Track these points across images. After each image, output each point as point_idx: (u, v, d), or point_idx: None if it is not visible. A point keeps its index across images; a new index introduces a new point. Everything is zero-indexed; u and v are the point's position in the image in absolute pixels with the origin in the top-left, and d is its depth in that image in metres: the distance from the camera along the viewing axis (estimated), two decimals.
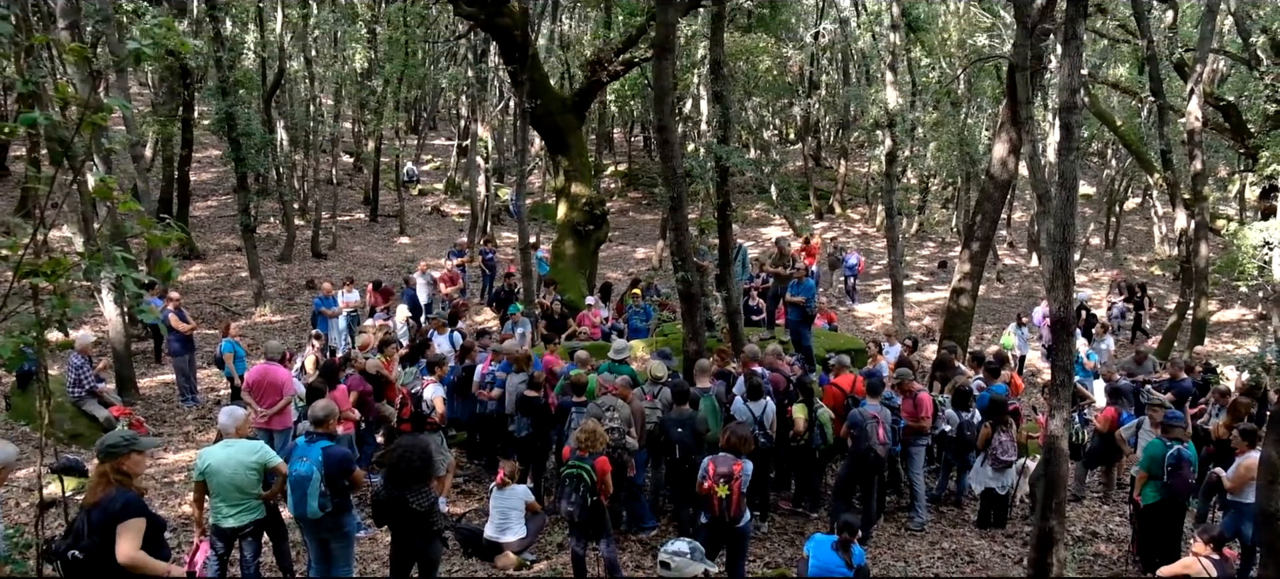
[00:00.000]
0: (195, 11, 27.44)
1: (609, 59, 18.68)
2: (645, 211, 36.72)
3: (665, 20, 10.46)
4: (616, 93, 31.53)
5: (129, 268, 3.73)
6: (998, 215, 16.02)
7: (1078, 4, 7.85)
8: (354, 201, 32.16)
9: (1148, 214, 36.58)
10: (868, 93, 33.77)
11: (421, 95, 37.94)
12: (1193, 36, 22.49)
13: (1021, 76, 11.27)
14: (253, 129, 20.41)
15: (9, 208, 23.95)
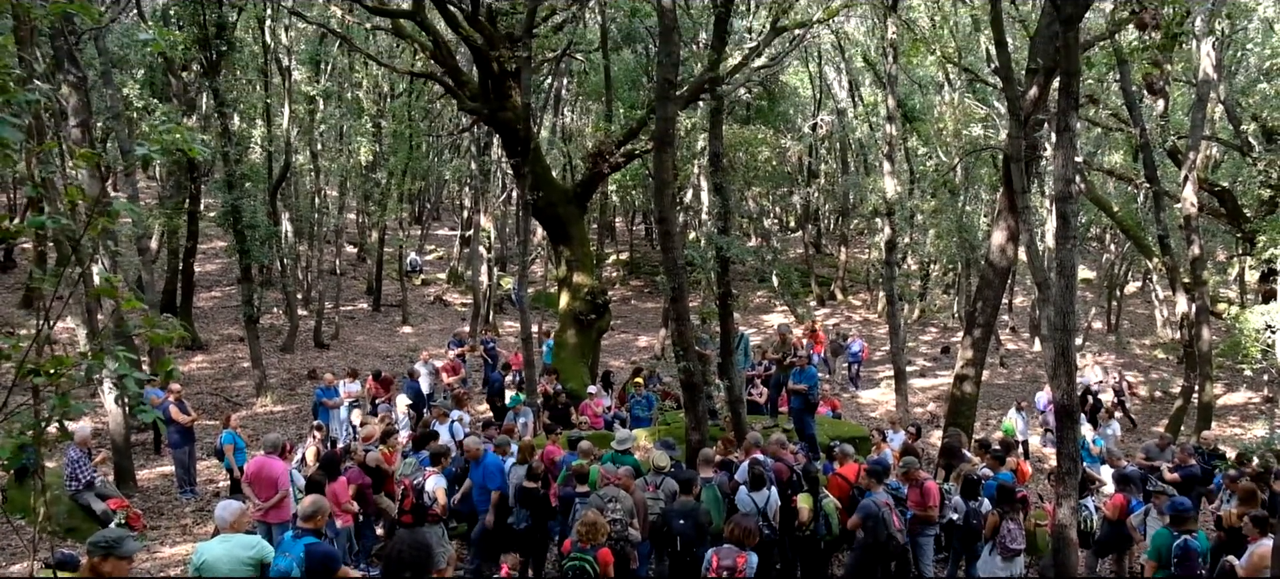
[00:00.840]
0: (204, 107, 28.03)
1: (610, 151, 18.98)
2: (647, 299, 36.85)
3: (665, 114, 10.66)
4: (618, 183, 31.94)
5: (131, 367, 3.75)
6: (999, 301, 16.06)
7: (1069, 96, 8.01)
8: (357, 291, 32.32)
9: (1149, 298, 36.65)
10: (866, 181, 34.19)
11: (425, 186, 38.45)
12: (1184, 124, 22.84)
13: (1016, 167, 11.42)
14: (258, 221, 20.65)
15: (13, 300, 24.09)
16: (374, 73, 28.83)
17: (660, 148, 10.88)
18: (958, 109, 29.41)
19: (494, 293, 29.28)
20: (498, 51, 16.35)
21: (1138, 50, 14.28)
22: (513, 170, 20.07)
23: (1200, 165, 21.26)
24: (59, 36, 13.47)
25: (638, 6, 19.35)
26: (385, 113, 29.13)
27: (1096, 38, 18.16)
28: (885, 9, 18.71)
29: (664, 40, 10.70)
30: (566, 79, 32.14)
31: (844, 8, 21.59)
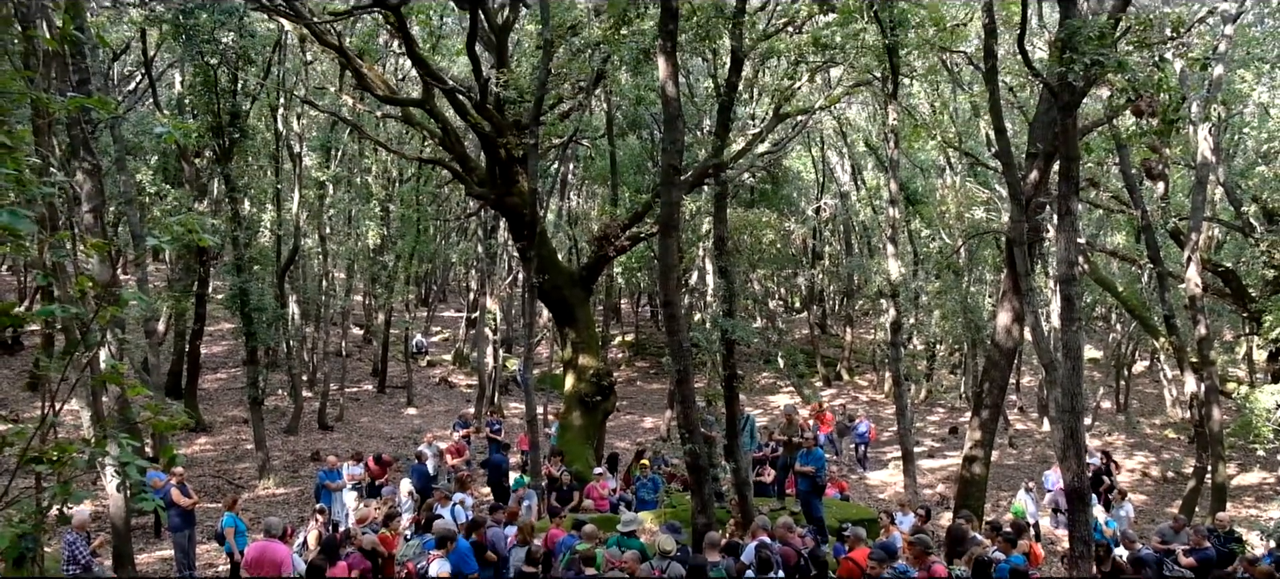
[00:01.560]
0: (215, 192, 28.43)
1: (616, 234, 19.15)
2: (653, 380, 36.72)
3: (670, 199, 10.79)
4: (623, 265, 32.13)
5: (134, 455, 3.76)
6: (1006, 382, 16.00)
7: (1069, 181, 8.12)
8: (362, 373, 32.29)
9: (1157, 377, 36.41)
10: (870, 263, 34.34)
11: (432, 269, 38.70)
12: (1185, 206, 23.01)
13: (1019, 250, 11.49)
14: (265, 304, 20.77)
15: (18, 382, 24.12)
16: (383, 158, 29.28)
17: (665, 232, 10.98)
18: (959, 192, 29.70)
19: (499, 375, 29.23)
20: (505, 138, 16.64)
21: (1136, 136, 14.48)
22: (519, 253, 20.23)
23: (1203, 246, 21.34)
24: (76, 125, 13.74)
25: (643, 95, 19.74)
26: (394, 197, 29.50)
27: (1094, 123, 18.44)
28: (886, 96, 19.04)
29: (668, 127, 10.89)
30: (572, 164, 32.59)
31: (845, 95, 22.00)
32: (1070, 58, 10.21)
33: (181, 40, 18.38)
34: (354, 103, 23.37)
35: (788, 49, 17.71)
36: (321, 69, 27.24)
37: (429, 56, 19.71)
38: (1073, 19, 10.77)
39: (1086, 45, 10.20)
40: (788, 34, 17.69)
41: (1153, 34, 13.58)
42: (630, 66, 17.62)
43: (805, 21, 17.36)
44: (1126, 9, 13.02)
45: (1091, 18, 12.26)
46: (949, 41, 18.90)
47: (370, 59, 20.14)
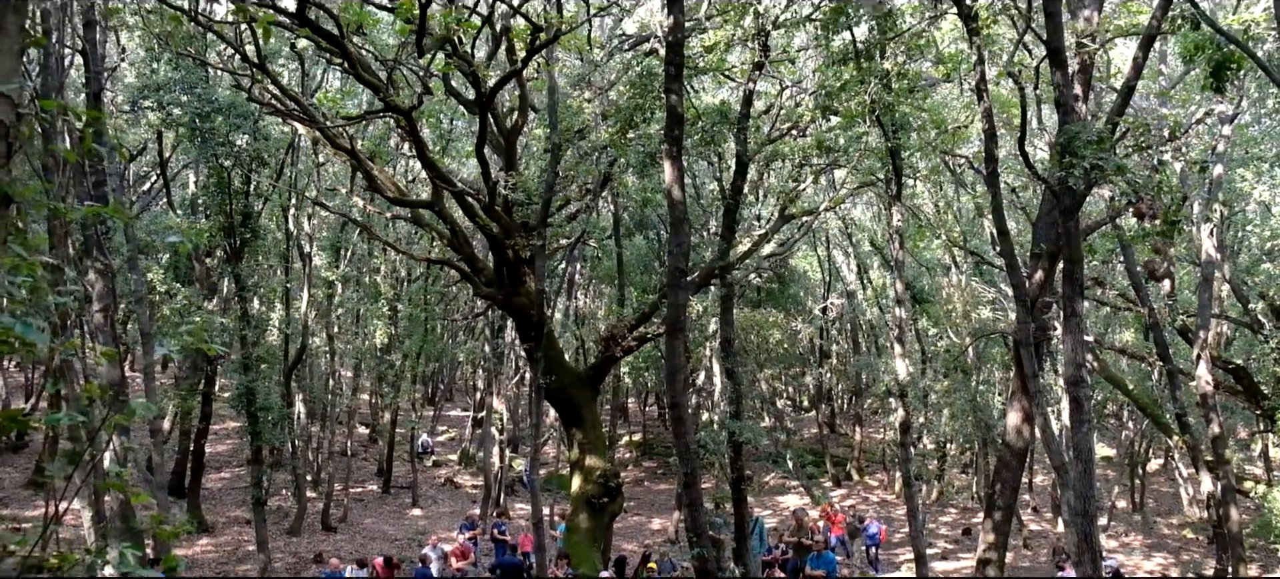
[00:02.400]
0: (225, 290, 28.65)
1: (623, 335, 19.18)
2: (660, 481, 36.29)
3: (676, 301, 10.85)
4: (630, 365, 32.07)
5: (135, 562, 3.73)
6: (1018, 483, 15.79)
7: (1074, 283, 8.16)
8: (367, 473, 32.00)
9: (1172, 475, 35.84)
10: (878, 362, 34.23)
11: (438, 368, 38.67)
12: (1192, 302, 23.00)
13: (1026, 351, 11.47)
14: (271, 404, 20.75)
15: (20, 479, 23.97)
16: (392, 258, 29.57)
17: (672, 334, 11.02)
18: (965, 291, 29.78)
19: (506, 475, 28.94)
20: (513, 240, 16.82)
21: (1139, 237, 14.59)
22: (526, 354, 20.25)
23: (1212, 343, 21.25)
24: (90, 226, 13.99)
25: (649, 197, 20.03)
26: (402, 297, 29.70)
27: (1097, 223, 18.58)
28: (890, 197, 19.26)
29: (674, 230, 11.02)
30: (580, 264, 32.85)
31: (850, 196, 22.28)
32: (1070, 162, 10.35)
33: (197, 143, 18.81)
34: (364, 204, 23.72)
35: (792, 152, 18.02)
36: (333, 170, 27.73)
37: (439, 159, 20.10)
38: (1071, 123, 10.96)
39: (1086, 149, 10.35)
40: (792, 137, 18.02)
41: (1151, 137, 13.81)
42: (637, 169, 17.92)
43: (809, 125, 17.69)
44: (1124, 112, 13.26)
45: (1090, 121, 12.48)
46: (951, 144, 19.20)
47: (381, 161, 20.55)
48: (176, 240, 4.60)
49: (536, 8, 15.59)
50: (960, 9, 12.51)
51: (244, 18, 11.23)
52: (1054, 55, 11.16)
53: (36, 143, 5.20)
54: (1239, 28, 14.75)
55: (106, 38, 20.92)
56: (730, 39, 16.32)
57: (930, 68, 18.62)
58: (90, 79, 15.44)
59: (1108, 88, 20.15)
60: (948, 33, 19.50)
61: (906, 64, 16.21)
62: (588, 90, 18.23)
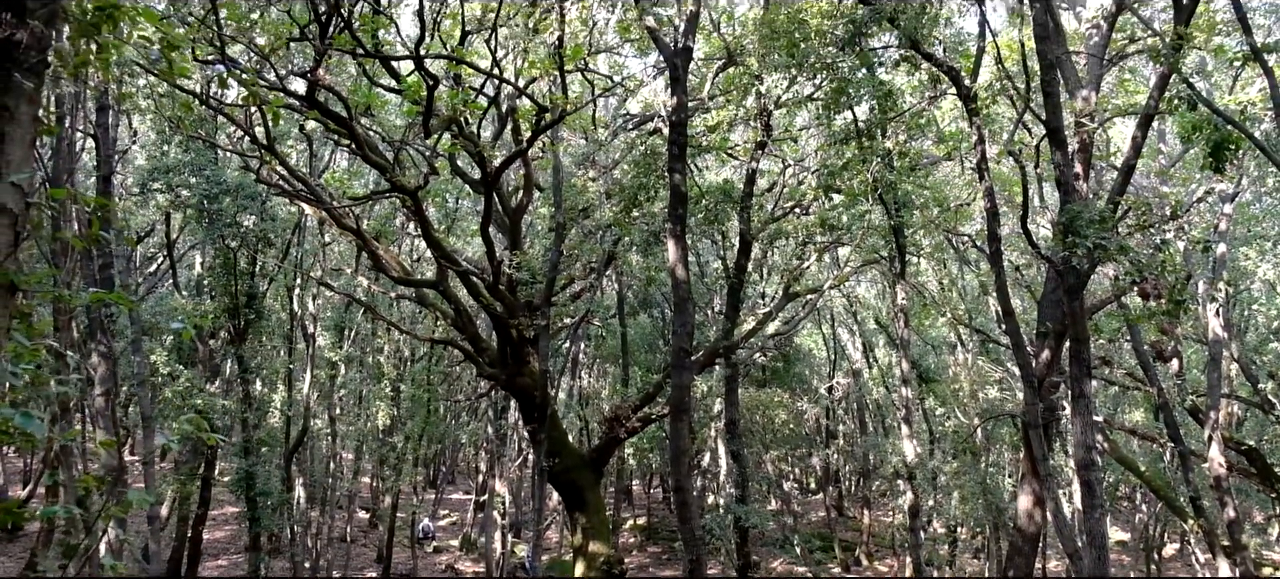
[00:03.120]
0: (228, 372, 28.55)
1: (627, 416, 19.01)
2: (666, 566, 35.62)
3: (680, 382, 10.77)
4: (635, 446, 31.75)
5: None
6: (1031, 568, 15.43)
7: (1081, 363, 8.07)
8: (366, 560, 31.46)
9: (1189, 560, 35.11)
10: (885, 443, 33.87)
11: (441, 450, 38.33)
12: (1201, 381, 22.80)
13: (1035, 433, 11.33)
14: (271, 488, 20.50)
15: (15, 568, 23.57)
16: (396, 339, 29.52)
17: (676, 416, 10.90)
18: (972, 370, 29.59)
19: (507, 561, 28.42)
20: (517, 319, 16.79)
21: (1144, 317, 14.54)
22: (529, 435, 20.07)
23: (1223, 424, 20.99)
24: (94, 309, 14.00)
25: (653, 275, 20.08)
26: (405, 377, 29.57)
27: (1103, 301, 18.52)
28: (894, 275, 19.28)
29: (678, 311, 10.99)
30: (584, 343, 32.77)
31: (854, 273, 22.30)
32: (1073, 242, 10.35)
33: (205, 224, 18.95)
34: (369, 284, 23.79)
35: (795, 230, 18.09)
36: (339, 250, 27.87)
37: (444, 238, 20.19)
38: (1073, 202, 10.99)
39: (1088, 229, 10.36)
40: (795, 215, 18.12)
41: (1153, 216, 13.85)
42: (641, 248, 17.98)
43: (812, 203, 17.80)
44: (1125, 191, 13.32)
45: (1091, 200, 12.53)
46: (953, 222, 19.29)
47: (386, 241, 20.63)
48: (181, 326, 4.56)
49: (542, 89, 15.83)
50: (959, 90, 12.66)
51: (255, 102, 11.39)
52: (1053, 135, 11.26)
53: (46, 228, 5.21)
54: (1236, 108, 14.92)
55: (118, 121, 21.25)
56: (733, 118, 16.53)
57: (931, 146, 18.82)
58: (101, 162, 15.62)
59: (1108, 166, 20.31)
60: (948, 111, 19.75)
61: (908, 143, 16.38)
62: (592, 169, 18.40)
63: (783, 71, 13.90)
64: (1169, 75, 12.48)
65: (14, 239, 5.06)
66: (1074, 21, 18.94)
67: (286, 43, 13.18)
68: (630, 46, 18.46)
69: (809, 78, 14.08)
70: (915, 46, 11.88)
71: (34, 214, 5.08)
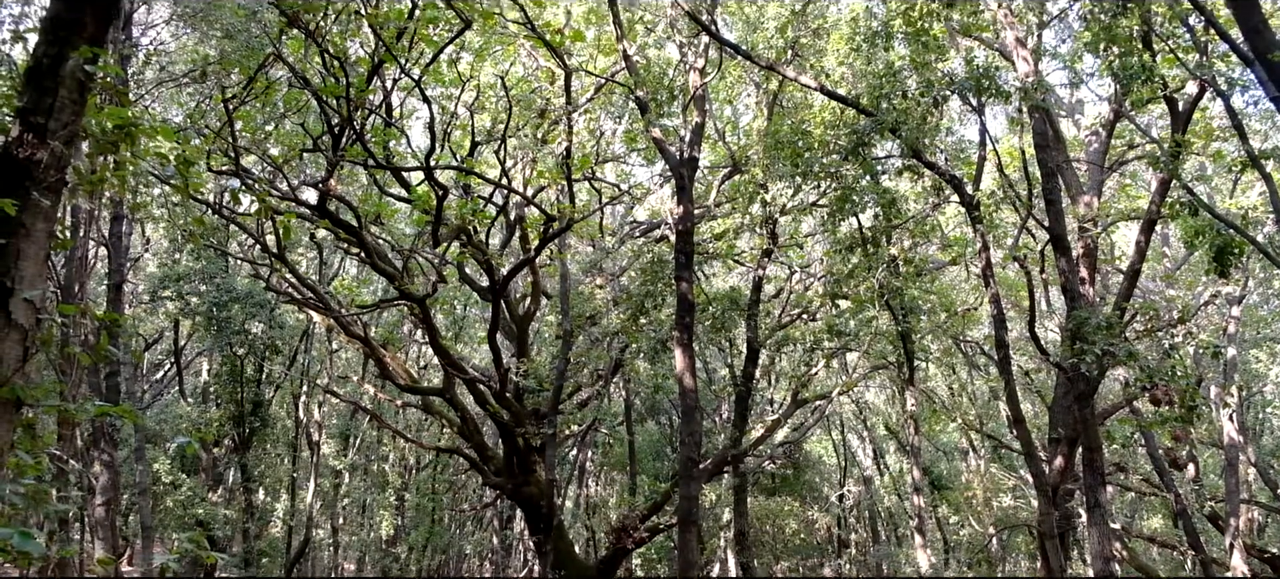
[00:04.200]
0: (230, 480, 28.26)
1: (634, 526, 18.69)
2: None
3: (688, 493, 10.61)
4: (643, 556, 31.10)
5: None
6: None
7: (1095, 471, 7.95)
8: None
9: None
10: (899, 552, 33.16)
11: (445, 560, 37.57)
12: (1219, 486, 22.40)
13: (1051, 544, 11.10)
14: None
15: None
16: (401, 446, 29.27)
17: (684, 526, 10.72)
18: (985, 477, 29.15)
19: None
20: (524, 427, 16.67)
21: (1157, 422, 14.38)
22: (535, 546, 19.69)
23: (1244, 530, 20.53)
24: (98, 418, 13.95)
25: (660, 383, 20.01)
26: (409, 486, 29.21)
27: (1114, 407, 18.35)
28: (903, 381, 19.17)
29: (686, 418, 10.91)
30: (591, 451, 32.44)
31: (863, 379, 22.19)
32: (1081, 348, 10.32)
33: (213, 331, 19.01)
34: (375, 391, 23.70)
35: (803, 336, 18.07)
36: (345, 357, 27.87)
37: (451, 345, 20.19)
38: (1079, 309, 10.99)
39: (1096, 335, 10.34)
40: (802, 321, 18.12)
41: (1160, 320, 13.83)
42: (648, 355, 17.95)
43: (819, 310, 17.82)
44: (1131, 296, 13.33)
45: (1098, 305, 12.54)
46: (961, 327, 19.26)
47: (393, 348, 20.64)
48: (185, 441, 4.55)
49: (550, 197, 16.06)
50: (962, 198, 12.81)
51: (267, 213, 11.56)
52: (1057, 242, 11.34)
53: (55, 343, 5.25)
54: (1238, 213, 15.03)
55: (132, 229, 21.55)
56: (739, 226, 16.69)
57: (937, 251, 18.93)
58: (113, 271, 15.78)
59: (1113, 269, 20.37)
60: (952, 216, 19.92)
61: (913, 249, 16.48)
62: (599, 276, 18.51)
63: (787, 180, 14.09)
64: (1169, 181, 12.64)
65: (23, 355, 5.09)
66: (1073, 128, 19.28)
67: (299, 153, 13.48)
68: (637, 155, 18.79)
69: (813, 186, 14.27)
70: (917, 156, 12.06)
71: (44, 330, 5.13)
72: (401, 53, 11.02)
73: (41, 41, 5.35)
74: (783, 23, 14.85)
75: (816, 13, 15.44)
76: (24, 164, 5.09)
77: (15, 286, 5.00)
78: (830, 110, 14.17)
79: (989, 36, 14.95)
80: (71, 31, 5.25)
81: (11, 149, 5.12)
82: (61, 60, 5.18)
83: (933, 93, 11.38)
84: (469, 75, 12.98)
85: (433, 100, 12.35)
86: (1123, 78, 11.07)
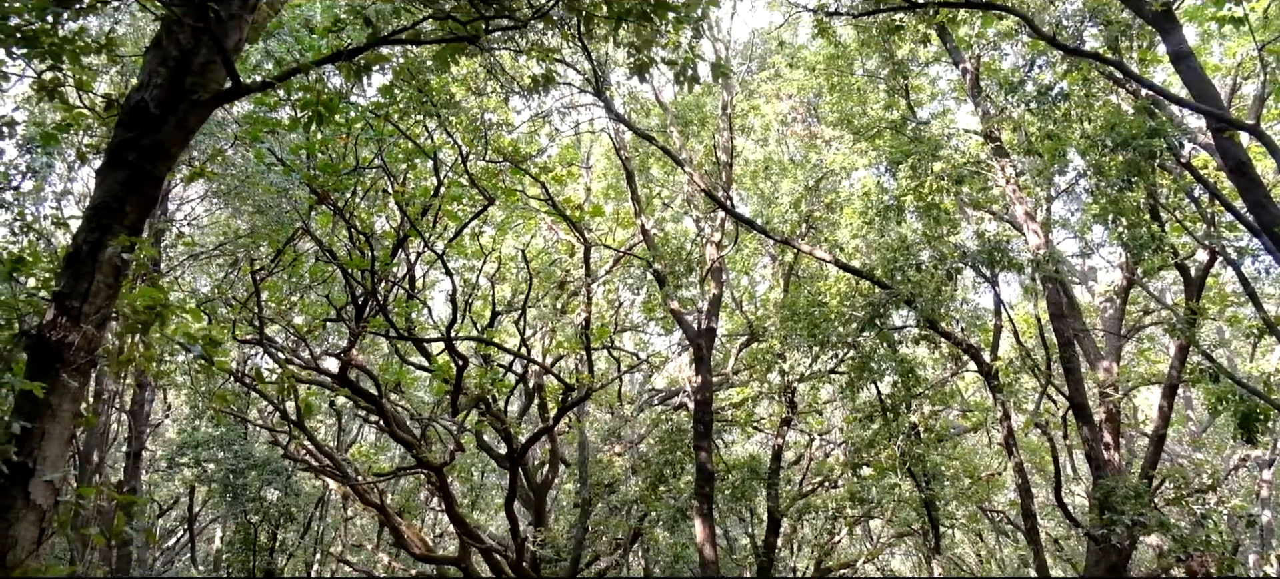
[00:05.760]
0: None
1: None
2: None
3: None
4: None
5: None
6: None
7: None
8: None
9: None
10: None
11: None
12: None
13: None
14: None
15: None
16: None
17: None
18: None
19: None
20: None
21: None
22: None
23: None
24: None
25: (680, 552, 19.55)
26: None
27: (1148, 576, 17.75)
28: (928, 549, 18.68)
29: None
30: None
31: (887, 548, 21.62)
32: (1110, 518, 10.09)
33: (228, 499, 18.86)
34: (390, 560, 23.24)
35: (824, 504, 17.75)
36: (361, 524, 27.47)
37: (467, 513, 19.94)
38: (1105, 477, 10.80)
39: (1124, 505, 10.13)
40: (824, 489, 17.83)
41: (1190, 485, 13.52)
42: (668, 524, 17.64)
43: (840, 477, 17.56)
44: (1158, 462, 13.08)
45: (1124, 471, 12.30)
46: (985, 493, 18.84)
47: (410, 516, 20.40)
48: None
49: (568, 366, 16.17)
50: (980, 367, 12.82)
51: (289, 381, 11.70)
52: (1079, 411, 11.26)
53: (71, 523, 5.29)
54: (1259, 377, 14.91)
55: (153, 397, 21.76)
56: (758, 394, 16.67)
57: (958, 417, 18.76)
58: (132, 438, 15.87)
59: (1138, 433, 20.07)
60: (972, 381, 19.81)
61: (933, 416, 16.35)
62: (618, 444, 18.40)
63: (804, 351, 14.17)
64: (1187, 347, 12.61)
65: (39, 536, 5.11)
66: (1087, 294, 19.40)
67: (323, 322, 13.75)
68: (656, 324, 18.99)
69: (831, 354, 14.33)
70: (933, 326, 12.15)
71: (62, 511, 5.16)
72: (426, 228, 11.41)
73: (83, 228, 5.59)
74: (796, 198, 15.26)
75: (829, 188, 15.88)
76: (56, 347, 5.25)
77: (37, 468, 5.06)
78: (846, 280, 14.39)
79: (998, 208, 15.27)
80: (113, 218, 5.50)
81: (45, 332, 5.28)
82: (100, 247, 5.41)
83: (946, 266, 11.56)
84: (491, 248, 13.34)
85: (455, 272, 12.67)
86: (1133, 247, 11.23)
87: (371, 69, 7.37)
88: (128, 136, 5.46)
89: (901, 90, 14.77)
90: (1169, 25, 9.09)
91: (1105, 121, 11.18)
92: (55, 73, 6.12)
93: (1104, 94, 13.17)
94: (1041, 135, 12.27)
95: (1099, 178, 11.22)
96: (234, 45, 5.80)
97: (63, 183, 16.74)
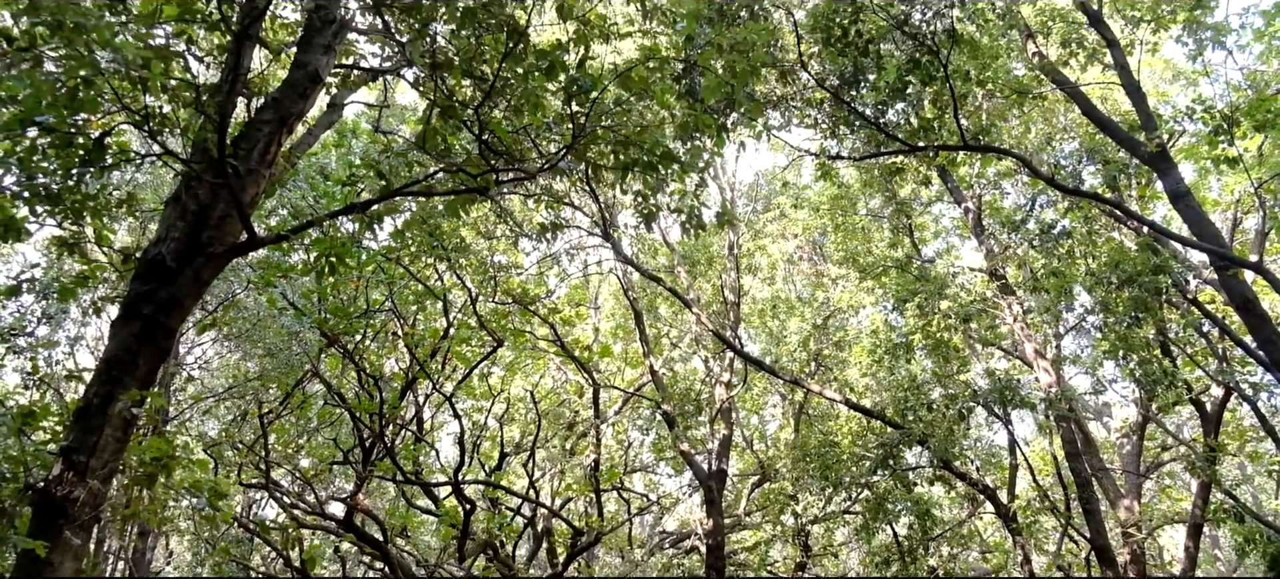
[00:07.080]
0: None
1: None
2: None
3: None
4: None
5: None
6: None
7: None
8: None
9: None
10: None
11: None
12: None
13: None
14: None
15: None
16: None
17: None
18: None
19: None
20: None
21: None
22: None
23: None
24: None
25: None
26: None
27: None
28: None
29: None
30: None
31: None
32: None
33: None
34: None
35: None
36: None
37: None
38: None
39: None
40: None
41: None
42: None
43: None
44: None
45: None
46: None
47: None
48: None
49: (578, 507, 15.87)
50: (997, 509, 12.56)
51: (294, 529, 11.50)
52: (1101, 554, 10.96)
53: None
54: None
55: (155, 543, 21.35)
56: (771, 537, 16.30)
57: (977, 557, 18.25)
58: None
59: (1165, 572, 19.45)
60: (990, 522, 19.34)
61: (952, 558, 15.91)
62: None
63: (817, 492, 13.93)
64: (1209, 485, 12.35)
65: None
66: (1103, 431, 19.13)
67: (330, 466, 13.58)
68: (666, 464, 18.73)
69: (844, 495, 14.07)
70: (947, 466, 11.95)
71: None
72: (434, 369, 11.40)
73: (94, 381, 5.57)
74: (805, 336, 15.27)
75: (837, 325, 15.90)
76: (61, 502, 5.17)
77: None
78: (857, 419, 14.23)
79: (1007, 345, 15.22)
80: (125, 371, 5.48)
81: (51, 487, 5.21)
82: (111, 400, 5.37)
83: (957, 405, 11.46)
84: (499, 389, 13.30)
85: (463, 413, 12.59)
86: (1146, 383, 11.13)
87: (384, 216, 7.52)
88: (143, 289, 5.51)
89: (905, 229, 14.94)
90: (1165, 165, 9.26)
91: (1109, 258, 11.25)
92: (77, 228, 6.24)
93: (1106, 231, 13.30)
94: (1047, 272, 12.33)
95: (1107, 314, 11.21)
96: (251, 200, 5.92)
97: (77, 327, 16.87)
